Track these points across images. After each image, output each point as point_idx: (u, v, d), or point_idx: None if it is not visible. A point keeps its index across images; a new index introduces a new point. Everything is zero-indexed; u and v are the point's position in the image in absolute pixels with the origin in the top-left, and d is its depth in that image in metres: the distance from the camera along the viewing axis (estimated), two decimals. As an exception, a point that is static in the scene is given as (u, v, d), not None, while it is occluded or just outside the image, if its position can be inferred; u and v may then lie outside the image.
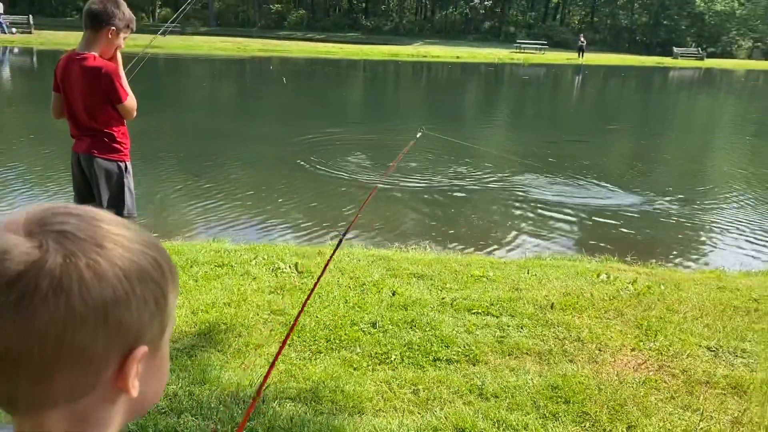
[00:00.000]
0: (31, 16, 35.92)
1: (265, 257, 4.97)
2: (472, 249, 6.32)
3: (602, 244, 6.71)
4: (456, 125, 15.96)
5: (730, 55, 56.20)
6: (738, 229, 7.67)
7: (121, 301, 0.58)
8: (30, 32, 34.17)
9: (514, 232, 7.15)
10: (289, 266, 4.74)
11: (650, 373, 3.23)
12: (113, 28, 3.57)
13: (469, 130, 15.55)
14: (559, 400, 2.91)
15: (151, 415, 2.54)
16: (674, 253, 6.75)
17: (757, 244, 7.12)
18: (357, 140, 12.43)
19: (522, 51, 46.28)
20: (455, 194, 8.62)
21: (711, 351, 3.54)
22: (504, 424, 2.66)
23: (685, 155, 13.32)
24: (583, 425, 2.73)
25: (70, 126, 3.71)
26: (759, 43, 58.86)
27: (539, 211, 8.01)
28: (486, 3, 59.97)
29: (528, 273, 4.91)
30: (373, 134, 13.38)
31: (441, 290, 4.36)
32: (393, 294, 4.21)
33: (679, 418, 2.79)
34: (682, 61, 48.12)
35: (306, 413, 2.63)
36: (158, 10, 67.48)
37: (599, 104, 24.00)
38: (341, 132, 13.16)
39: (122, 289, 0.58)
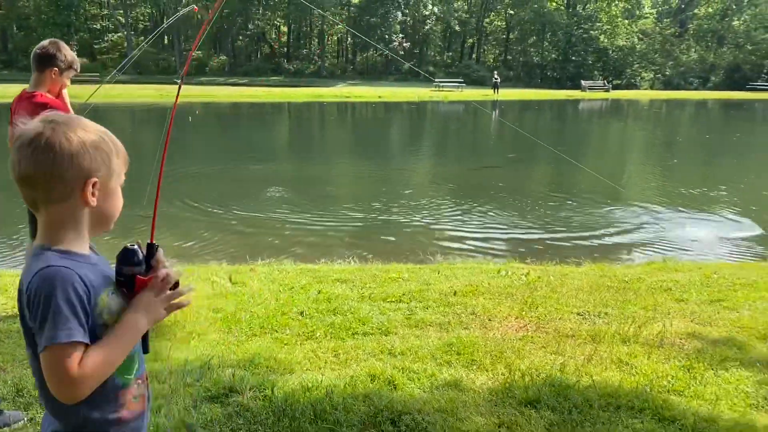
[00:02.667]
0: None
1: (201, 274, 5.49)
2: (396, 257, 7.00)
3: (508, 250, 7.61)
4: (384, 157, 16.83)
5: (634, 87, 60.25)
6: (627, 231, 8.75)
7: (80, 153, 1.24)
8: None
9: (434, 243, 7.92)
10: (222, 279, 5.27)
11: (528, 333, 3.97)
12: (56, 68, 4.11)
13: (395, 160, 16.44)
14: (453, 352, 3.59)
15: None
16: (572, 252, 7.67)
17: (642, 243, 8.16)
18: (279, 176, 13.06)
19: (441, 89, 48.25)
20: (381, 216, 9.34)
21: (579, 315, 4.32)
22: (408, 370, 3.31)
23: (594, 175, 14.60)
24: (470, 368, 3.41)
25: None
26: (659, 75, 63.38)
27: (457, 226, 8.86)
28: (405, 45, 62.23)
29: (438, 273, 5.63)
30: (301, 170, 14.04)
31: (361, 289, 5.01)
32: (318, 293, 4.82)
33: (545, 359, 3.51)
34: (590, 94, 51.28)
35: (245, 374, 3.20)
36: (76, 61, 66.63)
37: (516, 135, 25.51)
38: (263, 169, 13.76)
39: (80, 148, 1.24)
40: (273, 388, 3.03)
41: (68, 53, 4.18)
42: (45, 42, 4.21)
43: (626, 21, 63.75)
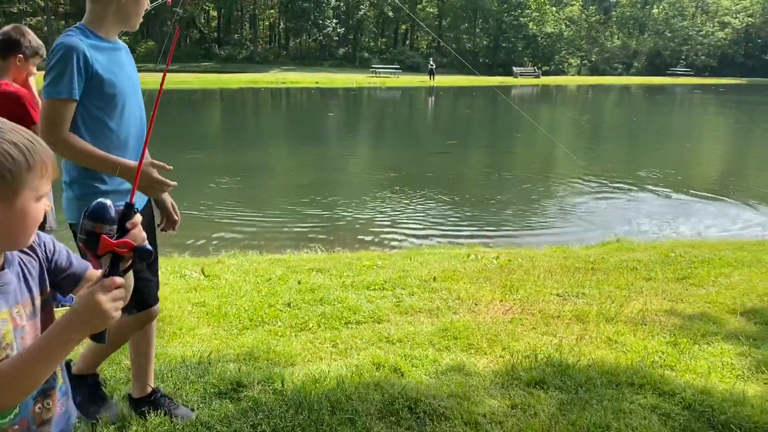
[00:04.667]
0: None
1: (170, 267, 5.33)
2: (358, 246, 7.01)
3: (468, 233, 7.78)
4: (327, 144, 16.73)
5: (563, 72, 62.06)
6: (575, 213, 9.07)
7: None
8: None
9: (391, 231, 7.96)
10: (194, 273, 5.14)
11: (515, 315, 4.06)
12: (20, 55, 3.89)
13: (339, 147, 16.36)
14: (449, 337, 3.64)
15: (116, 384, 2.96)
16: (527, 236, 7.91)
17: (591, 223, 8.48)
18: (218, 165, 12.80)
19: (377, 75, 48.28)
20: (330, 204, 9.32)
21: (559, 296, 4.46)
22: (410, 357, 3.33)
23: (536, 159, 14.99)
24: (469, 351, 3.47)
25: (-11, 149, 3.95)
26: (585, 61, 65.45)
27: (411, 212, 8.94)
28: (339, 30, 61.78)
29: (411, 260, 5.67)
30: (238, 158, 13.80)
31: (340, 277, 4.99)
32: (299, 283, 4.78)
33: (539, 340, 3.61)
34: (521, 80, 52.49)
35: (248, 368, 3.14)
36: None
37: (461, 120, 25.87)
38: (201, 157, 13.45)
39: None
40: (281, 381, 2.99)
41: (33, 38, 3.97)
42: (7, 27, 3.98)
43: (554, 8, 65.45)
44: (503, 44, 63.28)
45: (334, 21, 61.55)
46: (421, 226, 8.30)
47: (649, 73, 61.03)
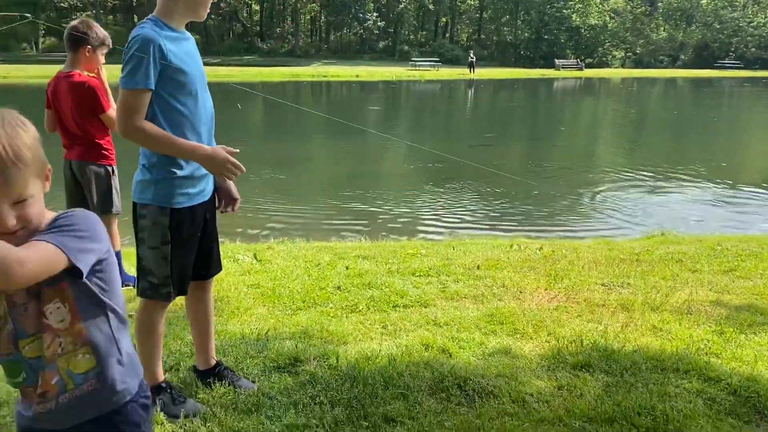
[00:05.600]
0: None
1: (223, 252, 5.52)
2: (399, 236, 7.14)
3: (509, 226, 7.83)
4: (366, 136, 16.88)
5: (606, 65, 60.97)
6: (618, 206, 9.03)
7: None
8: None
9: (432, 223, 8.07)
10: (247, 257, 5.33)
11: (560, 303, 4.14)
12: (89, 46, 4.12)
13: (378, 139, 16.51)
14: (495, 322, 3.74)
15: (180, 356, 3.15)
16: (569, 228, 7.92)
17: (635, 217, 8.45)
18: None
19: (417, 68, 48.22)
20: (373, 194, 9.46)
21: (604, 286, 4.51)
22: (457, 339, 3.45)
23: (579, 152, 14.89)
24: (515, 336, 3.57)
25: (61, 137, 4.20)
26: (630, 53, 64.16)
27: (451, 204, 9.03)
28: (379, 24, 61.86)
29: (454, 249, 5.77)
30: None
31: (385, 264, 5.12)
32: (347, 268, 4.93)
33: (584, 327, 3.69)
34: (564, 72, 51.76)
35: (304, 345, 3.30)
36: (41, 40, 64.86)
37: (502, 113, 25.75)
38: (244, 149, 13.73)
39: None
40: (336, 357, 3.14)
41: (99, 30, 4.19)
42: (75, 22, 4.21)
43: (598, 0, 64.30)
44: (545, 36, 62.45)
45: (375, 14, 61.65)
46: (461, 219, 8.37)
47: (696, 65, 59.52)
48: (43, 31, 64.48)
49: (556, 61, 55.19)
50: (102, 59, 4.22)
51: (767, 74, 56.72)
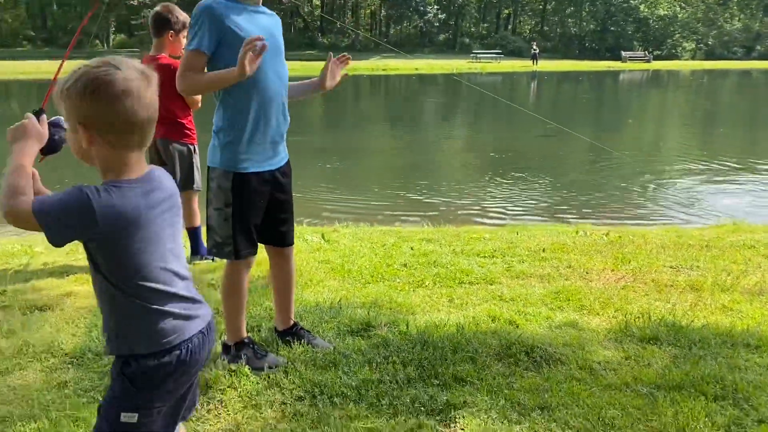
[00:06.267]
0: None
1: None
2: (462, 223, 7.20)
3: (572, 215, 7.78)
4: (428, 127, 16.97)
5: (675, 57, 58.91)
6: (686, 197, 8.85)
7: None
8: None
9: (494, 210, 8.11)
10: (315, 238, 5.52)
11: (627, 283, 4.15)
12: (171, 31, 4.37)
13: (440, 130, 16.57)
14: (561, 299, 3.79)
15: (260, 319, 3.35)
16: (634, 217, 7.82)
17: (703, 208, 8.25)
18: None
19: (479, 60, 47.81)
20: (434, 182, 9.55)
21: (672, 268, 4.48)
22: (524, 313, 3.53)
23: (645, 143, 14.56)
24: (581, 312, 3.61)
25: (146, 116, 4.47)
26: (701, 45, 61.79)
27: (513, 193, 9.03)
28: (440, 16, 61.59)
29: (518, 234, 5.80)
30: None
31: (449, 246, 5.21)
32: (411, 249, 5.05)
33: (652, 305, 3.70)
34: (630, 65, 50.35)
35: (374, 314, 3.45)
36: (112, 36, 67.51)
37: (566, 104, 25.36)
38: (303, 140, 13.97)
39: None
40: (406, 324, 3.27)
41: (181, 15, 4.42)
42: (158, 8, 4.46)
43: (668, -11, 62.19)
44: (611, 28, 60.82)
45: (435, 7, 61.42)
46: (523, 207, 8.36)
47: (774, 56, 56.87)
48: (113, 28, 67.23)
49: (623, 53, 53.68)
50: (184, 42, 4.47)
51: None
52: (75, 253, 4.83)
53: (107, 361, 2.89)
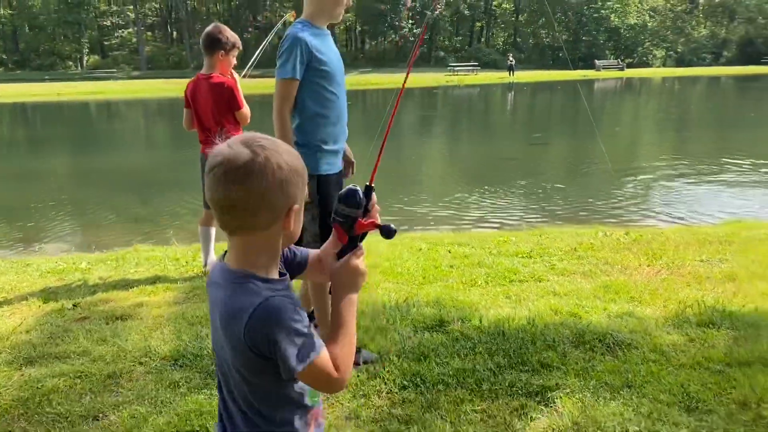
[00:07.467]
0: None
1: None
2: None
3: (586, 217, 8.04)
4: (417, 140, 17.24)
5: (647, 65, 60.25)
6: (679, 199, 9.17)
7: (289, 180, 1.21)
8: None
9: (501, 216, 8.34)
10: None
11: (666, 276, 4.40)
12: (222, 51, 4.55)
13: (434, 142, 16.86)
14: (611, 292, 4.02)
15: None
16: (636, 220, 8.08)
17: (698, 211, 8.55)
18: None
19: (455, 73, 48.43)
20: (434, 191, 9.77)
21: (704, 262, 4.74)
22: (581, 306, 3.74)
23: (637, 150, 14.99)
24: (633, 303, 3.84)
25: (199, 133, 4.63)
26: (671, 52, 63.31)
27: (515, 199, 9.29)
28: (415, 31, 62.32)
29: (541, 236, 6.02)
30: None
31: (483, 248, 5.42)
32: (449, 252, 5.26)
33: (697, 294, 3.94)
34: (604, 73, 51.34)
35: (443, 311, 3.64)
36: (86, 58, 67.10)
37: (550, 114, 25.88)
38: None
39: (290, 174, 1.21)
40: (479, 319, 3.47)
41: (230, 34, 4.60)
42: (209, 27, 4.64)
43: (636, -1, 63.72)
44: (584, 38, 62.10)
45: (410, 21, 62.19)
46: (525, 212, 8.57)
47: (741, 62, 58.32)
48: (87, 50, 66.88)
49: (597, 62, 54.79)
50: (233, 61, 4.65)
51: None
52: (123, 266, 4.95)
53: (207, 361, 3.04)
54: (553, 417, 2.52)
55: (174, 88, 36.54)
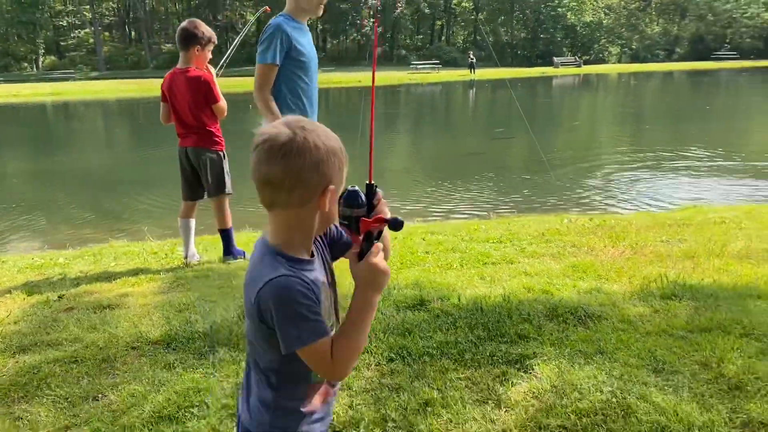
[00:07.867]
0: None
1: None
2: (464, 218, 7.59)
3: (551, 207, 8.31)
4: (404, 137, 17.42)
5: (603, 61, 61.59)
6: (637, 189, 9.53)
7: (326, 160, 1.26)
8: None
9: (473, 206, 8.57)
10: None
11: (630, 256, 4.64)
12: (198, 46, 4.63)
13: (403, 137, 17.06)
14: (579, 271, 4.24)
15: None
16: (607, 207, 8.41)
17: (657, 198, 8.93)
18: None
19: (418, 71, 48.79)
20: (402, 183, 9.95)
21: (664, 242, 5.01)
22: (552, 284, 3.94)
23: (597, 143, 15.41)
24: (601, 280, 4.06)
25: (176, 127, 4.69)
26: (626, 49, 64.83)
27: (480, 190, 9.53)
28: (379, 30, 62.45)
29: (510, 224, 6.25)
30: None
31: (455, 236, 5.60)
32: (423, 239, 5.43)
33: (659, 271, 4.18)
34: (562, 70, 52.35)
35: (419, 291, 3.80)
36: (41, 59, 65.48)
37: (495, 110, 26.31)
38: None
39: (326, 155, 1.26)
40: (458, 298, 3.64)
41: (205, 29, 4.68)
42: (184, 23, 4.71)
43: (592, -3, 65.03)
44: (542, 35, 63.19)
45: (371, 20, 62.33)
46: (494, 204, 8.81)
47: (693, 58, 60.13)
48: (42, 50, 65.29)
49: (555, 59, 55.81)
50: (209, 56, 4.73)
51: (764, 64, 57.38)
52: (101, 261, 4.99)
53: (199, 344, 3.14)
54: (532, 382, 2.70)
55: (134, 88, 36.07)
